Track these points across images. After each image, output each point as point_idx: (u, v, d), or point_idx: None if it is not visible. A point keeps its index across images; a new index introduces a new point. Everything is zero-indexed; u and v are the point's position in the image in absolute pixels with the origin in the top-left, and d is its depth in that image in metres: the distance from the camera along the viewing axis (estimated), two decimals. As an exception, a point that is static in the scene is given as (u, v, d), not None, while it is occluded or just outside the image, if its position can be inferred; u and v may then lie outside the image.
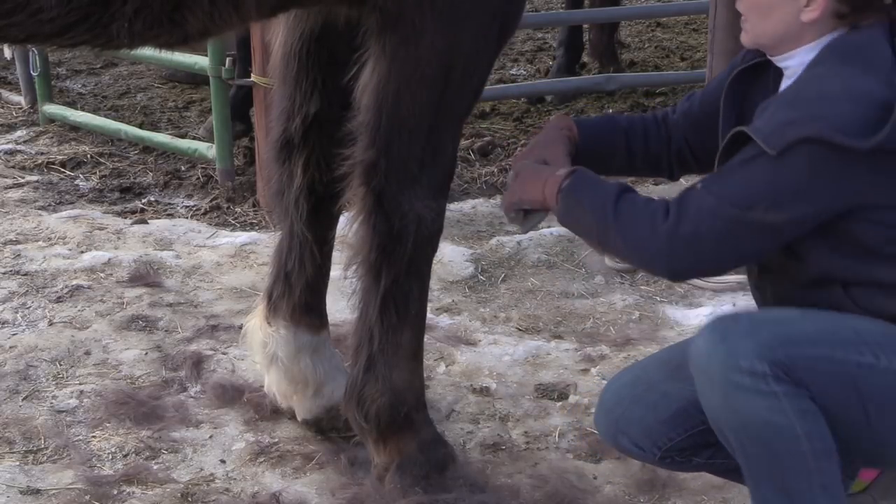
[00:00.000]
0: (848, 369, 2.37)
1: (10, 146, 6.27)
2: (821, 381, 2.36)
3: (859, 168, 2.34)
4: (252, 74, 5.26)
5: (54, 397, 3.66)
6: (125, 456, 3.35)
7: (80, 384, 3.74)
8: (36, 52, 6.26)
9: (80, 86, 7.46)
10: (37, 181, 5.74)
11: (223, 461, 3.34)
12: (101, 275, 4.55)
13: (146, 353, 3.94)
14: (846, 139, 2.29)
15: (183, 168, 5.90)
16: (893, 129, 2.29)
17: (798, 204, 2.37)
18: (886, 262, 2.43)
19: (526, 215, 2.72)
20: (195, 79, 6.91)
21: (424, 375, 3.27)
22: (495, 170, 5.81)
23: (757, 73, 2.65)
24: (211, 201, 5.42)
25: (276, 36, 3.21)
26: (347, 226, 3.06)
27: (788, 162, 2.34)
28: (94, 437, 3.45)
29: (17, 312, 4.24)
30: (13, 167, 5.97)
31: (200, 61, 5.56)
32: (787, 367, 2.34)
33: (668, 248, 2.42)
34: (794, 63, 2.51)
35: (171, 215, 5.34)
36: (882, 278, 2.44)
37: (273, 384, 3.48)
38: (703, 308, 4.29)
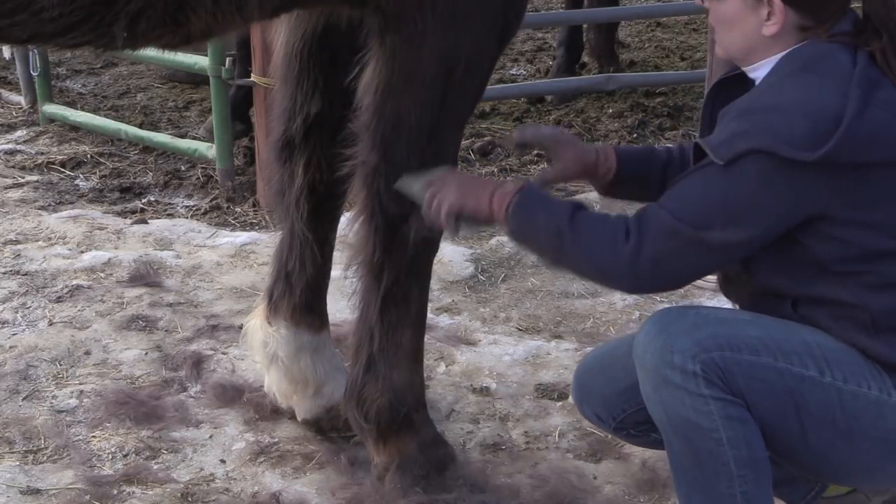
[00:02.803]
0: (788, 380, 2.37)
1: (10, 146, 6.27)
2: (758, 389, 2.37)
3: (813, 180, 2.32)
4: (252, 74, 5.26)
5: (54, 397, 3.66)
6: (125, 456, 3.35)
7: (80, 384, 3.74)
8: (36, 51, 6.26)
9: (80, 86, 7.45)
10: (37, 181, 5.74)
11: (223, 461, 3.34)
12: (101, 275, 4.55)
13: (146, 353, 3.94)
14: (793, 151, 2.27)
15: (183, 168, 5.90)
16: (840, 141, 2.26)
17: (753, 218, 2.35)
18: (832, 281, 2.41)
19: (458, 222, 2.68)
20: (195, 79, 6.91)
21: (424, 375, 3.27)
22: (495, 170, 5.82)
23: (737, 84, 2.61)
24: (211, 201, 5.42)
25: (278, 36, 3.22)
26: (348, 226, 3.07)
27: (737, 172, 2.33)
28: (94, 437, 3.45)
29: (17, 312, 4.24)
30: (13, 167, 5.97)
31: (200, 61, 5.56)
32: (721, 370, 2.36)
33: (630, 269, 2.42)
34: (761, 74, 2.49)
35: (171, 215, 5.34)
36: (825, 296, 2.43)
37: (273, 384, 3.48)
38: (703, 308, 4.29)
